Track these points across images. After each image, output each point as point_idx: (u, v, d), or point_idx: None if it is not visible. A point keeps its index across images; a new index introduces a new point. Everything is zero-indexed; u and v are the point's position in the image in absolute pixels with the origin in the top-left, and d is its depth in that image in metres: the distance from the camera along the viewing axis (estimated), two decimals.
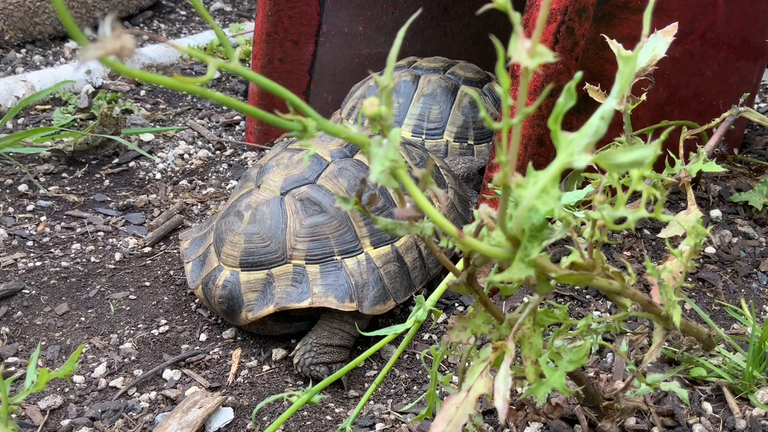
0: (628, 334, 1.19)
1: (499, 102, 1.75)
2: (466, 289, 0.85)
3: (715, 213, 1.59)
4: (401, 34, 0.63)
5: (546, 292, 0.75)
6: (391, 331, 0.97)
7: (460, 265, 0.84)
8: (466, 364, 0.95)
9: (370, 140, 0.65)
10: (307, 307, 1.19)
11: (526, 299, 1.34)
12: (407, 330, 0.98)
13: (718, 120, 1.33)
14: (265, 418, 1.12)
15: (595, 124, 0.61)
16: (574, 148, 0.62)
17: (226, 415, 1.11)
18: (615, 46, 1.06)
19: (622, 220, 0.77)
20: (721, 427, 1.04)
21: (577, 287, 1.40)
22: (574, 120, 1.36)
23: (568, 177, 1.35)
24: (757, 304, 1.35)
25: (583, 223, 0.86)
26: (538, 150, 1.35)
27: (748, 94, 1.41)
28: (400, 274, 1.28)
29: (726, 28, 1.63)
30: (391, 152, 0.65)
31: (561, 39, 1.27)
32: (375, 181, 0.63)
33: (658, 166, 1.22)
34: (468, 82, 1.78)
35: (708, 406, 1.08)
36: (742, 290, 1.39)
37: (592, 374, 1.06)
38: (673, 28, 1.05)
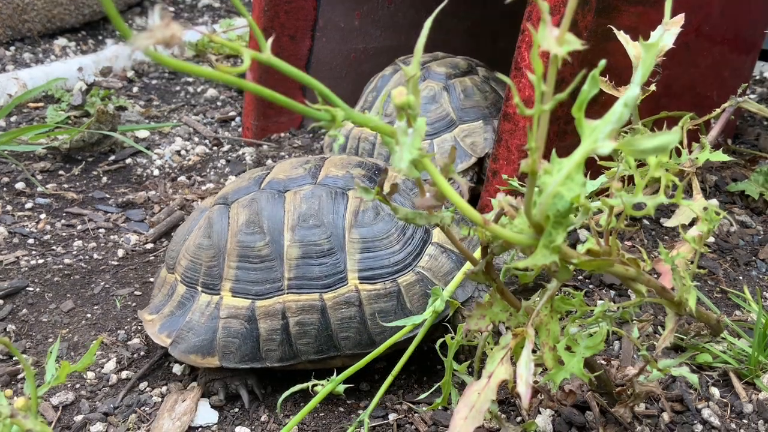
0: (634, 321, 1.20)
1: (460, 97, 1.72)
2: (483, 278, 0.86)
3: (713, 202, 1.61)
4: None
5: (567, 278, 0.76)
6: (409, 322, 0.97)
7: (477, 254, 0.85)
8: (482, 352, 0.96)
9: (395, 129, 0.66)
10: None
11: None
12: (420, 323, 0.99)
13: (718, 111, 1.35)
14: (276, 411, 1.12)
15: (619, 110, 0.62)
16: (598, 134, 0.63)
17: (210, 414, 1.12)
18: (622, 36, 1.08)
19: (638, 208, 0.78)
20: (729, 411, 1.06)
21: (580, 277, 1.41)
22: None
23: None
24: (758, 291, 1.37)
25: (594, 213, 0.87)
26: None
27: (746, 85, 1.43)
28: (242, 336, 1.10)
29: (720, 21, 1.66)
30: (417, 141, 0.66)
31: None
32: (402, 169, 0.64)
33: None
34: (436, 77, 1.73)
35: (715, 391, 1.10)
36: (741, 278, 1.41)
37: (602, 361, 1.07)
38: (680, 19, 1.06)
